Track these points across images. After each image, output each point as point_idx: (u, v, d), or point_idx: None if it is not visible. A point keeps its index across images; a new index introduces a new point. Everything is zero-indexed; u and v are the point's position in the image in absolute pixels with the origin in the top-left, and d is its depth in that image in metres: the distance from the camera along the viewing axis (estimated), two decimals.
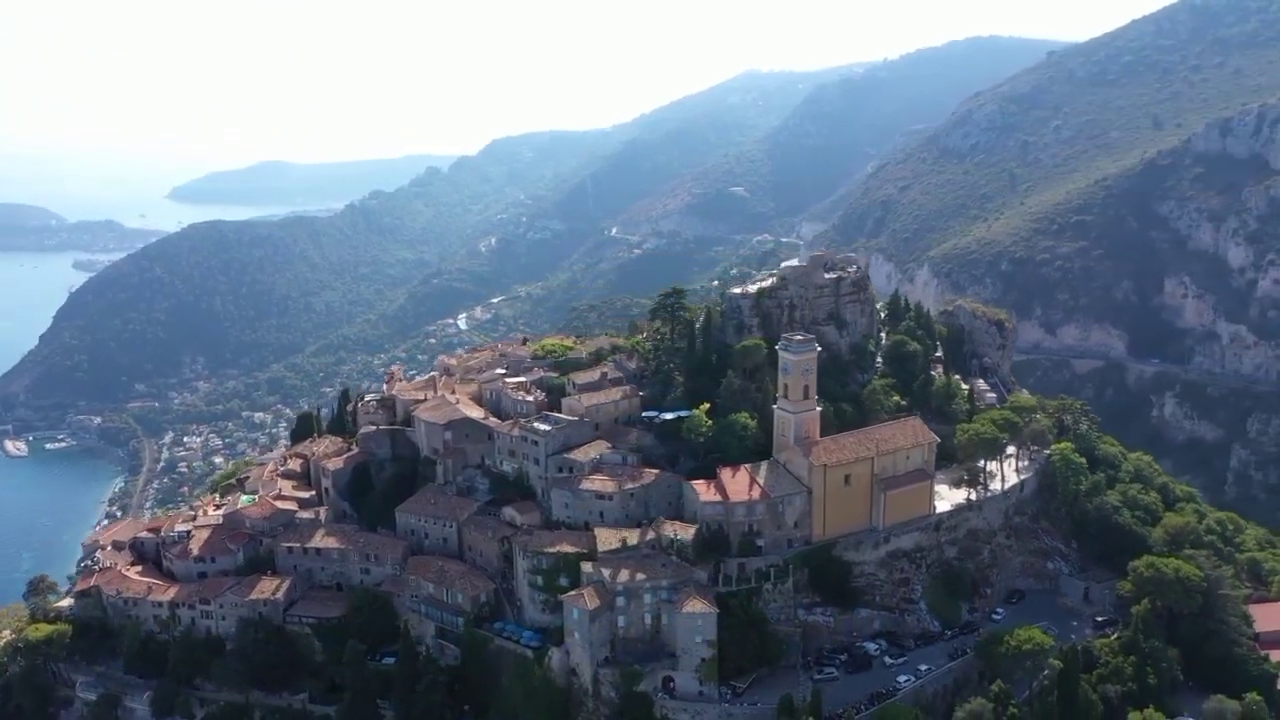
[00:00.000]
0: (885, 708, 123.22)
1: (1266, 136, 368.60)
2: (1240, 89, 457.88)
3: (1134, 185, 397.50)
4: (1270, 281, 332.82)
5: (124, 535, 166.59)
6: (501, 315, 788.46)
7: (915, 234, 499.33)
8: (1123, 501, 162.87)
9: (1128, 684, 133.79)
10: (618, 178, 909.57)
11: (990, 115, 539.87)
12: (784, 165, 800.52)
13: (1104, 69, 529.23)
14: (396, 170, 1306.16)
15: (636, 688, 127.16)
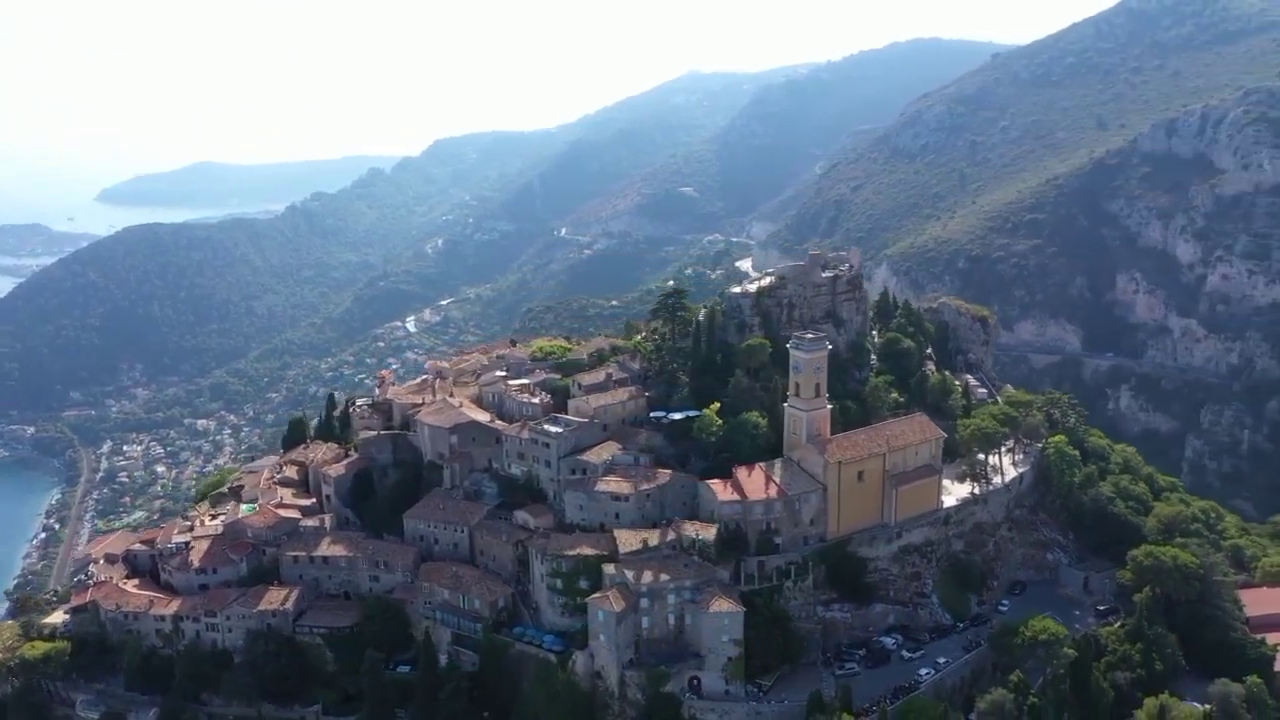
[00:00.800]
0: (910, 701, 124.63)
1: (1210, 137, 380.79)
2: (1179, 90, 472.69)
3: (1084, 184, 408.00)
4: (1219, 277, 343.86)
5: (116, 548, 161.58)
6: (451, 317, 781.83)
7: (869, 233, 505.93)
8: (1115, 492, 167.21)
9: (1136, 670, 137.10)
10: (565, 178, 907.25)
11: (939, 116, 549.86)
12: (732, 165, 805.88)
13: (1047, 71, 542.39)
14: (337, 171, 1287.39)
15: (663, 689, 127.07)
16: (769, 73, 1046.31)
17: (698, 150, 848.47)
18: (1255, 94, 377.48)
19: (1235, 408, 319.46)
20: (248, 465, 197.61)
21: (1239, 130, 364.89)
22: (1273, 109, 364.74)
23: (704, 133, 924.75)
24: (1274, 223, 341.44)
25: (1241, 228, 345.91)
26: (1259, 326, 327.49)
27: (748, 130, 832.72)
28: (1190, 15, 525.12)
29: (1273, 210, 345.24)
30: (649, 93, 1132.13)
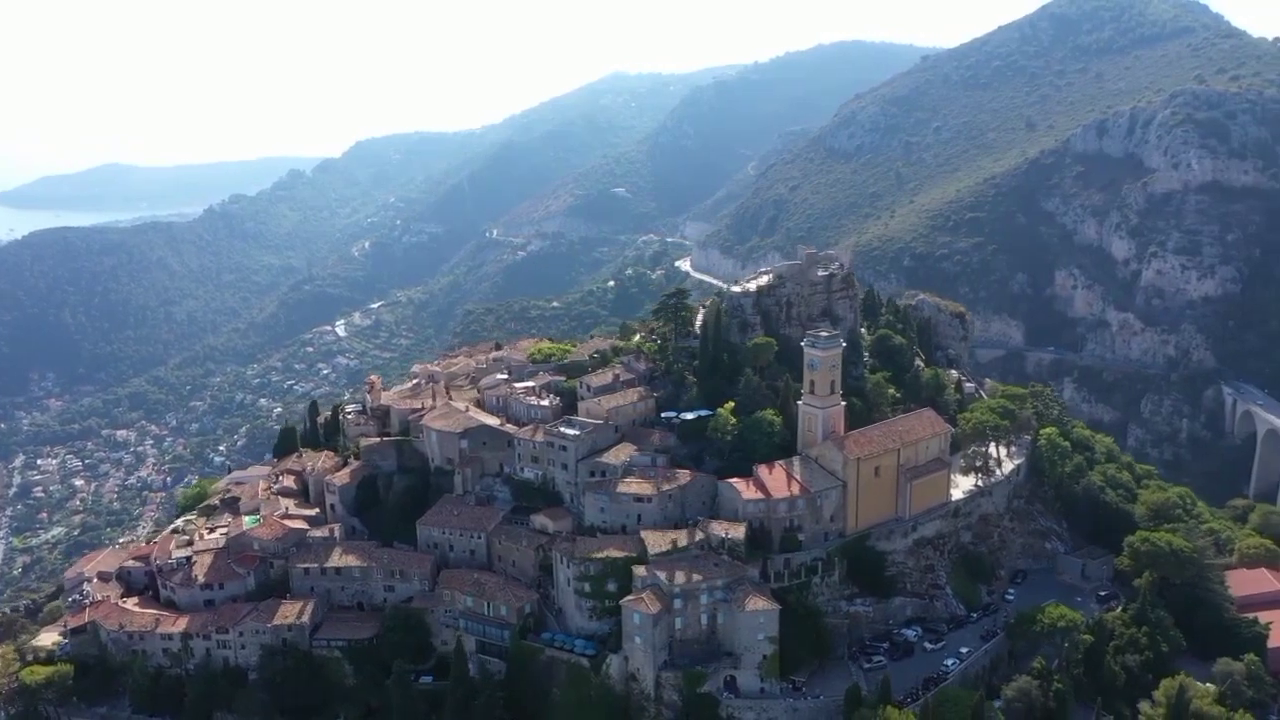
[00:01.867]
0: (943, 691, 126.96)
1: (1140, 137, 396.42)
2: (1103, 92, 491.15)
3: (1020, 183, 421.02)
4: (1153, 272, 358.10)
5: (108, 565, 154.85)
6: (383, 321, 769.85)
7: (810, 232, 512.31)
8: (1105, 481, 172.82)
9: (1144, 653, 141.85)
10: (495, 179, 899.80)
11: (873, 117, 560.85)
12: (664, 166, 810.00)
13: (976, 73, 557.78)
14: (253, 173, 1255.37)
15: (700, 689, 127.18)
16: (696, 74, 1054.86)
17: (629, 151, 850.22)
18: (1180, 96, 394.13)
19: (1174, 397, 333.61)
20: (234, 476, 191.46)
21: (1168, 131, 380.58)
22: (1198, 110, 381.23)
23: (633, 133, 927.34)
24: (1204, 219, 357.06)
25: (1173, 224, 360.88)
26: (1193, 319, 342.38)
27: (678, 131, 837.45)
28: (1109, 20, 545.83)
29: (1201, 208, 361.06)
30: (576, 94, 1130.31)
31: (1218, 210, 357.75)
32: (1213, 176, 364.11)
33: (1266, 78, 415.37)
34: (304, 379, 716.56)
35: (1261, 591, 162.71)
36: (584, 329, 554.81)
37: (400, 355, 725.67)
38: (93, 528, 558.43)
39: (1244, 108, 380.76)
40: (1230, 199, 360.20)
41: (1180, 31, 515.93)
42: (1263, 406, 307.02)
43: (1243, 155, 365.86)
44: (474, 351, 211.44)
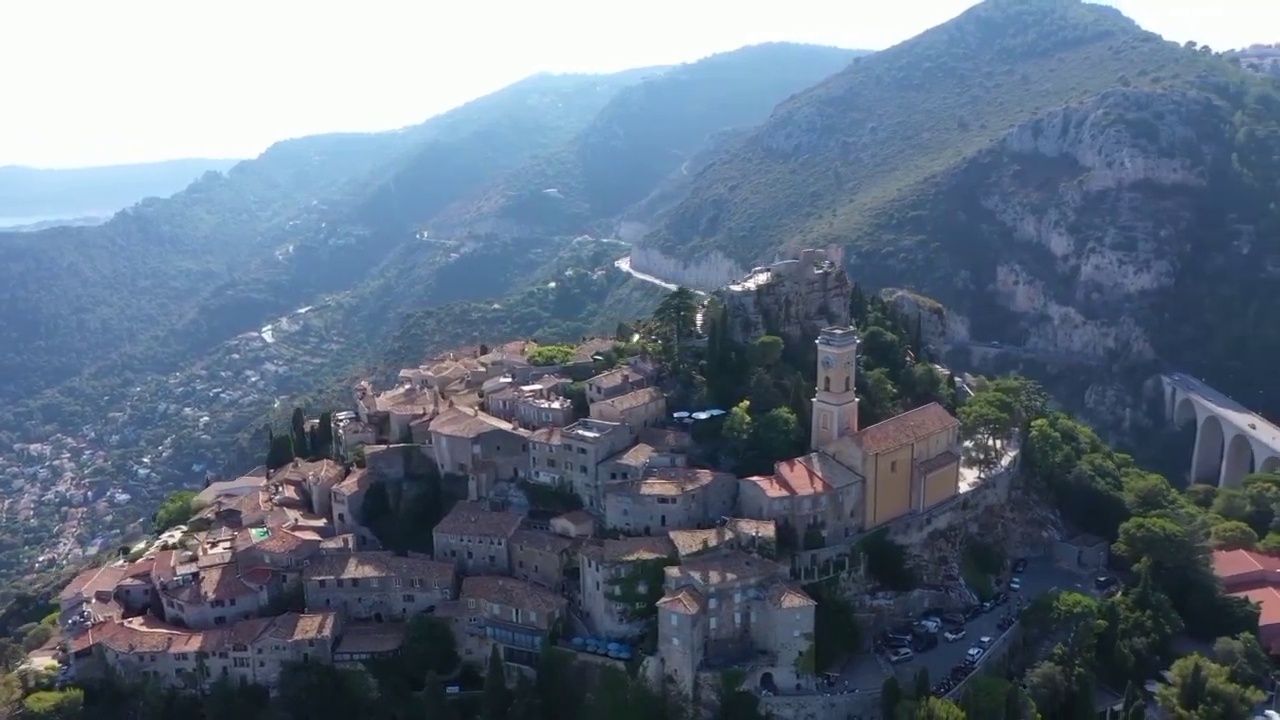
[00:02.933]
0: (975, 680, 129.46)
1: (1073, 137, 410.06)
2: (1030, 94, 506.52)
3: (960, 182, 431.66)
4: (1091, 267, 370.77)
5: (105, 585, 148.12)
6: (312, 326, 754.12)
7: (752, 231, 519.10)
8: (1093, 470, 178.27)
9: (1150, 635, 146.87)
10: (423, 180, 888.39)
11: (809, 117, 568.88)
12: (595, 166, 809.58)
13: (908, 75, 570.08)
14: (165, 175, 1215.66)
15: (738, 688, 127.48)
16: (623, 74, 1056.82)
17: (560, 151, 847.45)
18: (1111, 97, 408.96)
19: (1116, 388, 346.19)
20: (222, 488, 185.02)
21: (1100, 131, 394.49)
22: (1128, 111, 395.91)
23: (561, 134, 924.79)
24: (1138, 216, 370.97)
25: (1109, 221, 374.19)
26: (1131, 312, 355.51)
27: (609, 131, 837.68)
28: (1033, 24, 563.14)
29: (1135, 204, 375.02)
30: (500, 94, 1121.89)
31: (1150, 207, 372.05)
32: (1144, 175, 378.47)
33: (1186, 79, 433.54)
34: (231, 387, 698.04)
35: (1243, 572, 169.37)
36: (527, 330, 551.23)
37: (332, 361, 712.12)
38: (9, 546, 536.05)
39: (1170, 109, 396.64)
40: (1161, 196, 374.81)
41: (1100, 35, 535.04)
42: (1201, 395, 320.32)
43: (1171, 154, 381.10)
44: (460, 355, 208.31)
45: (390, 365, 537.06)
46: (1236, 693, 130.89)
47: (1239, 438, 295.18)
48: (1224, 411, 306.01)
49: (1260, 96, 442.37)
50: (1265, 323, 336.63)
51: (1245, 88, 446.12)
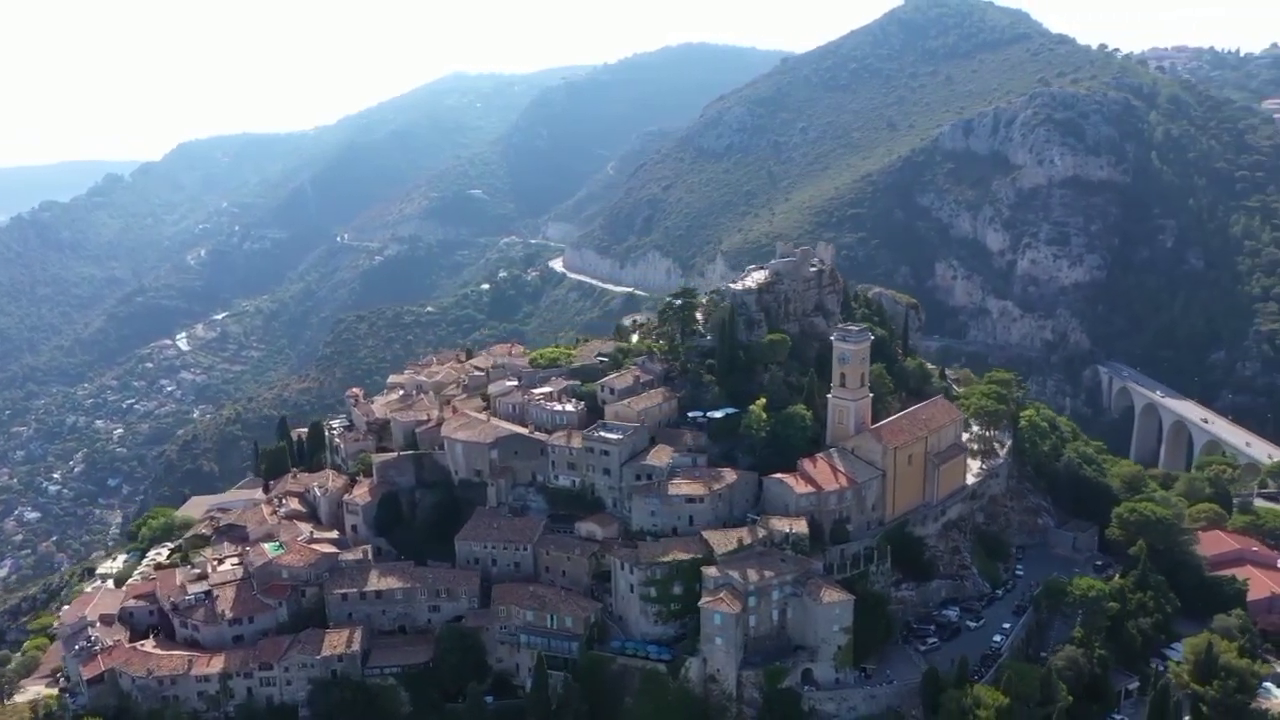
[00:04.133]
0: (1010, 666, 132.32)
1: (1004, 135, 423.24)
2: (954, 94, 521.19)
3: (896, 180, 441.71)
4: (1027, 262, 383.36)
5: (107, 607, 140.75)
6: (230, 332, 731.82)
7: (689, 230, 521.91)
8: (1079, 457, 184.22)
9: (1153, 615, 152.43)
10: (340, 182, 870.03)
11: (740, 117, 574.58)
12: (519, 167, 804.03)
13: (835, 75, 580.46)
14: (60, 178, 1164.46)
15: (781, 685, 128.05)
16: (541, 74, 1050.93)
17: (482, 152, 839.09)
18: (1039, 98, 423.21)
19: (1055, 378, 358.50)
20: (213, 502, 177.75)
21: (1031, 130, 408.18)
22: (1056, 111, 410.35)
23: (482, 134, 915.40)
24: (1069, 212, 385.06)
25: (1042, 217, 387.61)
26: (1066, 304, 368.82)
27: (531, 132, 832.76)
28: (953, 26, 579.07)
29: (1066, 201, 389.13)
30: (416, 94, 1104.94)
31: (1080, 203, 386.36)
32: (1073, 172, 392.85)
33: (1103, 81, 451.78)
34: (146, 397, 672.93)
35: (1222, 551, 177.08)
36: (463, 333, 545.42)
37: (253, 368, 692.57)
38: None
39: (1094, 108, 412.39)
40: (1090, 192, 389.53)
41: (1018, 38, 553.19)
42: (1137, 383, 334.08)
43: (1097, 152, 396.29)
44: (444, 360, 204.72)
45: (323, 371, 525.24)
46: (1248, 667, 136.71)
47: (1178, 423, 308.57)
48: (1162, 399, 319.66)
49: (1171, 97, 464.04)
50: (1191, 313, 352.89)
51: (1157, 89, 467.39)
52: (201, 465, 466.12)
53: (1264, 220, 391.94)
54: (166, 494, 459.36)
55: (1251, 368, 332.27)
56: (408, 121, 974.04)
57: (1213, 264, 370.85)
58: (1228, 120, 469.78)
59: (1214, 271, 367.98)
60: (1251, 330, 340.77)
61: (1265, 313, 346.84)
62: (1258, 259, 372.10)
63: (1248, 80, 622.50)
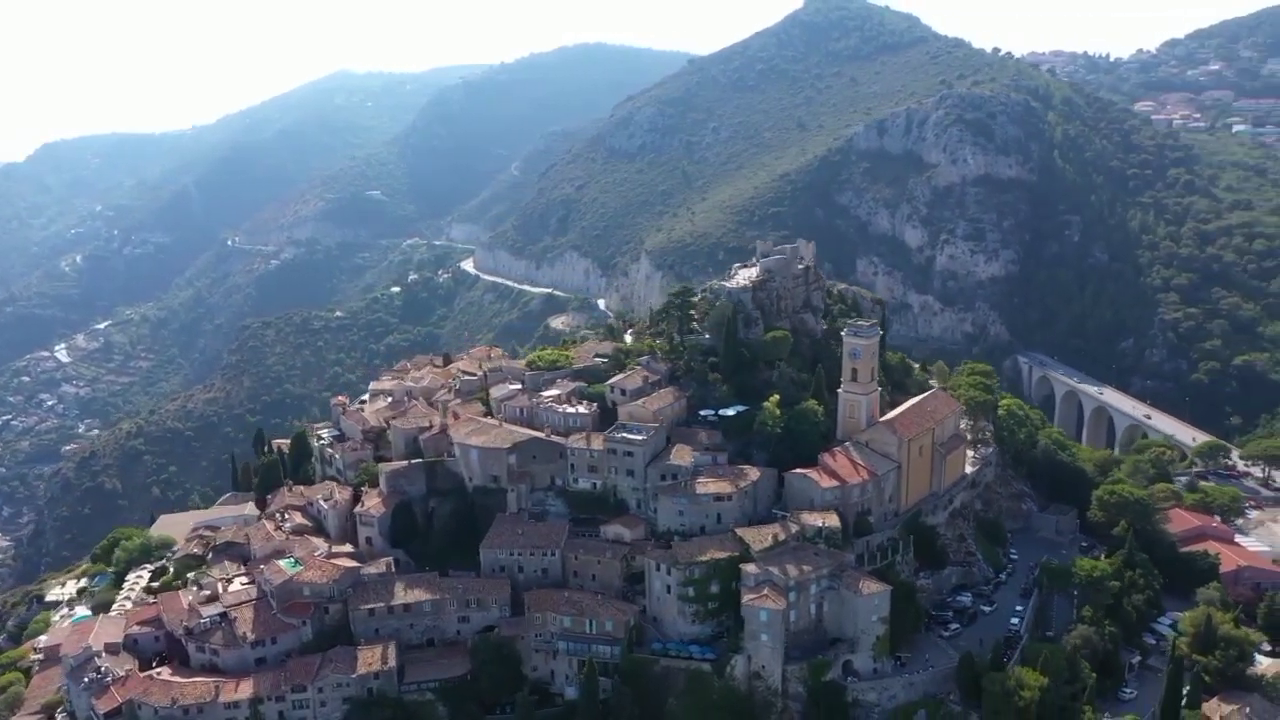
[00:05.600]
0: (1037, 648, 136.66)
1: (916, 135, 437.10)
2: (860, 95, 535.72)
3: (814, 179, 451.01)
4: (946, 257, 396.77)
5: (110, 636, 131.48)
6: (115, 342, 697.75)
7: (606, 230, 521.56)
8: (1054, 444, 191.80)
9: (1144, 592, 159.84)
10: (227, 183, 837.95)
11: (650, 118, 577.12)
12: (419, 167, 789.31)
13: (742, 76, 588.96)
14: None
15: (825, 678, 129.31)
16: (432, 73, 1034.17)
17: (378, 152, 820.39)
18: (949, 99, 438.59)
19: None
20: (200, 519, 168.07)
21: (943, 130, 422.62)
22: (966, 112, 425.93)
23: (375, 134, 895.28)
24: (983, 209, 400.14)
25: (958, 214, 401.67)
26: (985, 298, 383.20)
27: (429, 132, 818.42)
28: (854, 29, 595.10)
29: (979, 198, 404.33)
30: (301, 93, 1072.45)
31: (993, 200, 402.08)
32: (985, 170, 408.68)
33: (1002, 83, 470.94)
34: (23, 413, 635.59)
35: (1185, 529, 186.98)
36: (376, 338, 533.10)
37: (143, 379, 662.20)
38: None
39: (1000, 109, 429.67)
40: (1001, 190, 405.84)
41: (916, 41, 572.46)
42: (1056, 371, 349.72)
43: (1006, 151, 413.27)
44: (417, 365, 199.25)
45: (229, 380, 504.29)
46: (1245, 636, 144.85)
47: (1098, 409, 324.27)
48: (1082, 385, 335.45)
49: (1064, 99, 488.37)
50: (1100, 304, 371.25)
51: (1051, 91, 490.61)
52: (103, 483, 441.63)
53: (1157, 215, 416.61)
54: (65, 514, 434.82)
55: (1158, 354, 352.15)
56: (295, 121, 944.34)
57: (1116, 257, 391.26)
58: (1115, 121, 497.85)
59: (1118, 264, 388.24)
60: (1156, 319, 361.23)
61: (1167, 303, 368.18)
62: (1156, 252, 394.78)
63: (1120, 84, 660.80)
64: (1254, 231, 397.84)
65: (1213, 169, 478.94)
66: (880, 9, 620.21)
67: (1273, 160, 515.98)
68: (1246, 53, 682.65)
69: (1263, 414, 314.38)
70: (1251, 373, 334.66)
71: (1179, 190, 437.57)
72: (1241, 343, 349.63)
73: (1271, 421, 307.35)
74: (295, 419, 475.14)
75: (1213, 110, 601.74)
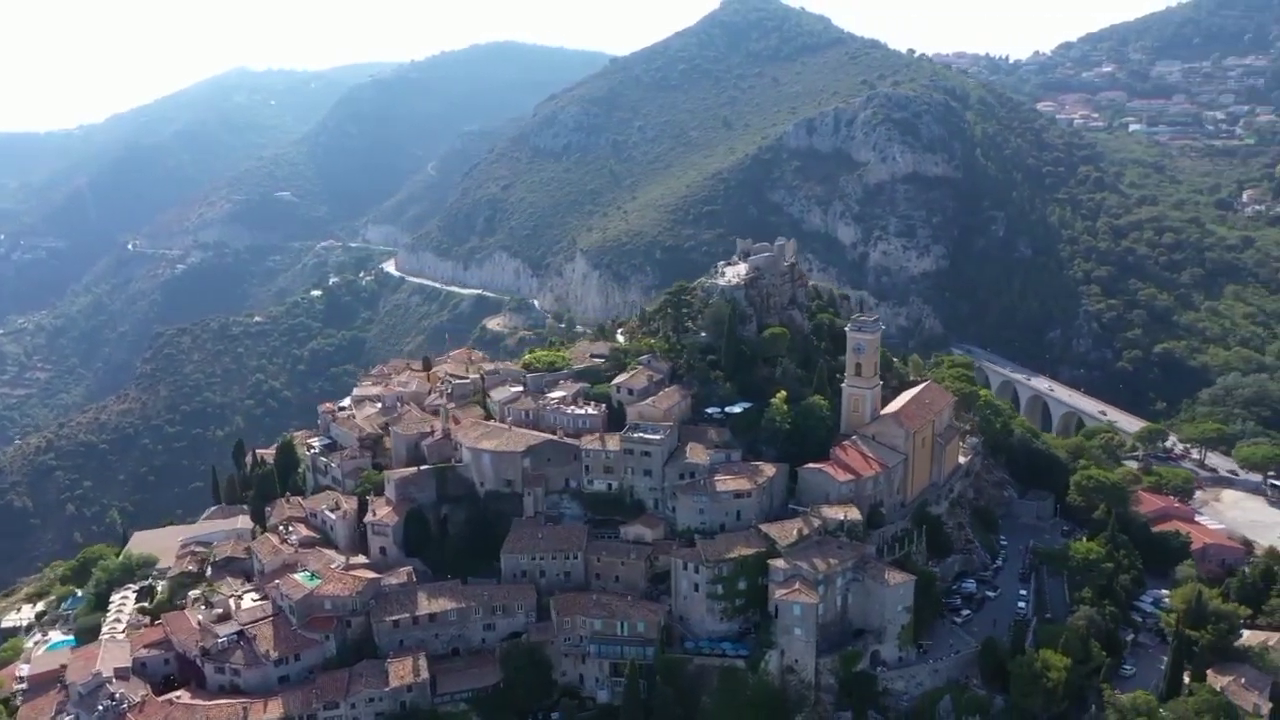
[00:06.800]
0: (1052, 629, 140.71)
1: (845, 134, 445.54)
2: (783, 95, 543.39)
3: (746, 177, 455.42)
4: (879, 253, 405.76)
5: (117, 661, 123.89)
6: (8, 352, 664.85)
7: (535, 230, 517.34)
8: (1028, 432, 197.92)
9: (1130, 571, 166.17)
10: (124, 185, 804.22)
11: (575, 117, 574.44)
12: (330, 168, 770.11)
13: (665, 76, 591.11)
14: None
15: (856, 668, 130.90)
16: (340, 71, 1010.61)
17: (286, 152, 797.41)
18: (876, 99, 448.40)
19: None
20: (187, 535, 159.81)
21: (872, 129, 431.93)
22: (893, 111, 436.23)
23: (280, 134, 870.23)
24: (913, 205, 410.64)
25: (889, 211, 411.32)
26: (918, 292, 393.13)
27: (340, 131, 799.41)
28: (773, 30, 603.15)
29: (909, 195, 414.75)
30: (197, 91, 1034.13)
31: (922, 197, 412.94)
32: (913, 168, 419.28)
33: (921, 83, 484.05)
34: None
35: (1151, 510, 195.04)
36: (299, 343, 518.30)
37: (41, 390, 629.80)
38: None
39: (924, 109, 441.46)
40: (929, 187, 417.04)
41: (834, 42, 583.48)
42: (990, 362, 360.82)
43: (932, 149, 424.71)
44: (394, 370, 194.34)
45: (145, 390, 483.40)
46: (1233, 609, 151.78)
47: (1034, 398, 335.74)
48: (1016, 375, 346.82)
49: (979, 99, 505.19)
50: (1027, 296, 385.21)
51: (967, 91, 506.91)
52: (12, 501, 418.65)
53: (1074, 211, 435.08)
54: None
55: (1084, 344, 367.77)
56: (194, 120, 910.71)
57: (1040, 251, 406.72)
58: (1026, 120, 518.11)
59: (1042, 257, 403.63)
60: (1081, 310, 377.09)
61: (1090, 294, 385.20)
62: (1076, 246, 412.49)
63: (1021, 84, 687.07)
64: (1162, 226, 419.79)
65: (1116, 166, 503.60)
66: (796, 10, 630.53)
67: (1169, 158, 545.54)
68: (1136, 55, 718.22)
69: (1184, 399, 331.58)
70: (1171, 359, 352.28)
71: (1090, 187, 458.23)
72: (1160, 331, 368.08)
73: (1193, 406, 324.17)
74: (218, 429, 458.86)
75: (1109, 110, 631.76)
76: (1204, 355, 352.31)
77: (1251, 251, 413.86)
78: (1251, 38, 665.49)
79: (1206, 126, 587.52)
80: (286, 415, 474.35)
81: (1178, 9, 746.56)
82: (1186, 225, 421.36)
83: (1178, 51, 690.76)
